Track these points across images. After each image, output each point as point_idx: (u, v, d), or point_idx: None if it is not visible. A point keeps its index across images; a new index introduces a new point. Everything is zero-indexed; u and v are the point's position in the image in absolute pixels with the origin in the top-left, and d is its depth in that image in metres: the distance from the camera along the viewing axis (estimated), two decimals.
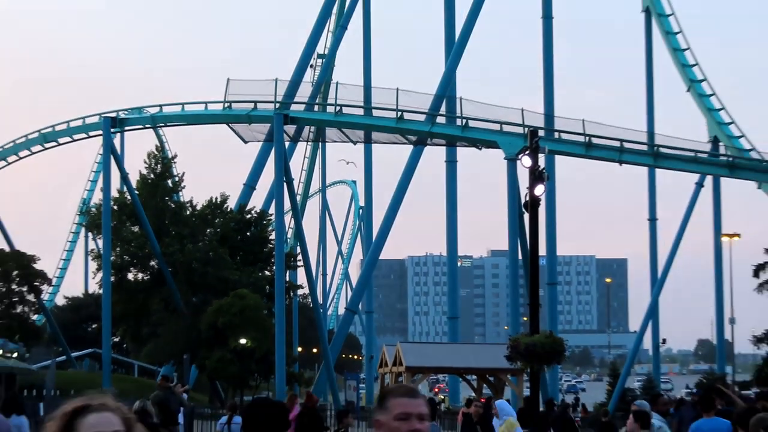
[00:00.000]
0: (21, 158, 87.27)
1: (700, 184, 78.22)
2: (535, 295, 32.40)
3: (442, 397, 79.45)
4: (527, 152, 31.10)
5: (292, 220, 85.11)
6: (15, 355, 70.18)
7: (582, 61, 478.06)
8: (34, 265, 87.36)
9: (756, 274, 54.54)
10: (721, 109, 79.07)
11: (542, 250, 42.85)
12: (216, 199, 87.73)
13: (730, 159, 76.34)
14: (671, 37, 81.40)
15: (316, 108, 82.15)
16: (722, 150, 77.43)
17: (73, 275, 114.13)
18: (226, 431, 28.02)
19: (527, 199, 30.91)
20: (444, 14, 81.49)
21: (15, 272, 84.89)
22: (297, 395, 45.37)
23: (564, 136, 74.62)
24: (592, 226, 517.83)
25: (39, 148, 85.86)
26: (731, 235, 73.09)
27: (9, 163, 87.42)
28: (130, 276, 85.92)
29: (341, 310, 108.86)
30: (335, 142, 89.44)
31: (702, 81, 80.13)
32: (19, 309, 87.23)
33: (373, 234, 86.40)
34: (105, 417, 3.82)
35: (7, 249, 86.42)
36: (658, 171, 79.36)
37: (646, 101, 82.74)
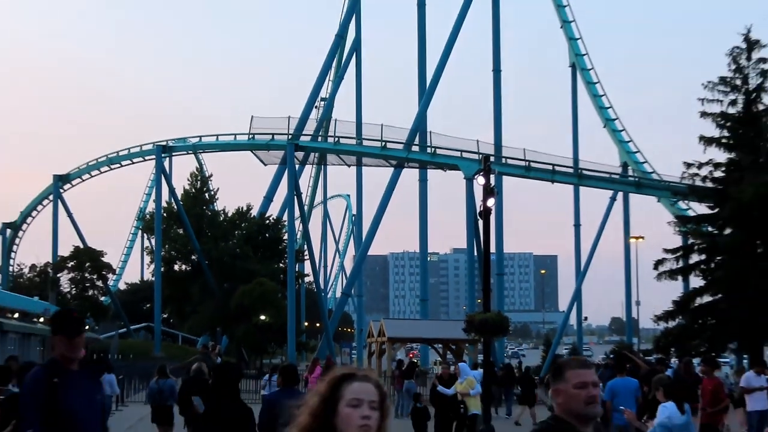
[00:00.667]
0: (92, 176, 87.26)
1: (613, 198, 78.31)
2: (487, 282, 32.32)
3: (416, 360, 79.33)
4: (481, 173, 31.02)
5: (301, 224, 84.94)
6: (87, 328, 69.89)
7: (524, 102, 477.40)
8: (102, 259, 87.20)
9: (656, 267, 54.26)
10: (629, 141, 79.23)
11: (493, 248, 42.86)
12: (242, 208, 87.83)
13: (637, 179, 76.56)
14: (591, 86, 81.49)
15: (319, 139, 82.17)
16: (630, 172, 77.60)
17: (132, 266, 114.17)
18: (268, 386, 28.33)
19: (481, 209, 30.85)
20: (417, 66, 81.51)
21: (87, 264, 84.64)
22: (319, 359, 45.42)
23: (509, 161, 74.81)
24: (531, 230, 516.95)
25: (106, 168, 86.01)
26: (637, 237, 72.99)
27: (83, 180, 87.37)
28: (176, 267, 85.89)
29: (338, 294, 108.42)
30: (334, 165, 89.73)
31: (615, 120, 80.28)
32: (90, 292, 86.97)
33: (362, 235, 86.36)
34: (367, 386, 3.82)
35: (81, 246, 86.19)
36: (581, 188, 79.40)
37: (572, 134, 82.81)
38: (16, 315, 54.10)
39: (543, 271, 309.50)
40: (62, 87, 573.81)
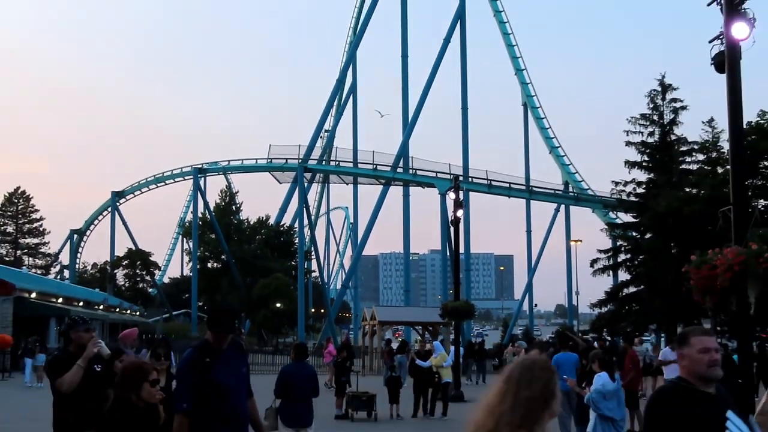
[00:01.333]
0: (142, 192, 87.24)
1: (557, 210, 78.27)
2: (457, 276, 32.29)
3: (400, 339, 79.05)
4: (452, 190, 31.03)
5: (309, 230, 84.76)
6: (138, 313, 69.75)
7: (486, 132, 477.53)
8: (150, 258, 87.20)
9: (591, 264, 54.32)
10: (570, 164, 79.27)
11: (461, 249, 42.70)
12: (262, 218, 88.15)
13: (576, 195, 76.72)
14: (539, 120, 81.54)
15: (323, 162, 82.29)
16: (570, 189, 77.71)
17: (174, 264, 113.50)
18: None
19: (452, 218, 30.85)
20: (401, 104, 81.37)
21: (138, 262, 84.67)
22: (331, 337, 45.42)
23: (475, 180, 74.89)
24: (492, 235, 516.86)
25: (153, 186, 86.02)
26: (576, 241, 72.96)
27: (135, 195, 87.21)
28: (209, 265, 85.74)
29: (338, 286, 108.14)
30: (335, 183, 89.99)
31: (558, 147, 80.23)
32: (140, 285, 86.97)
33: (358, 239, 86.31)
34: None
35: (133, 248, 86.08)
36: (532, 201, 79.37)
37: (525, 158, 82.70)
38: (81, 303, 54.06)
39: (502, 268, 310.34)
40: (116, 114, 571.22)
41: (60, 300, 49.64)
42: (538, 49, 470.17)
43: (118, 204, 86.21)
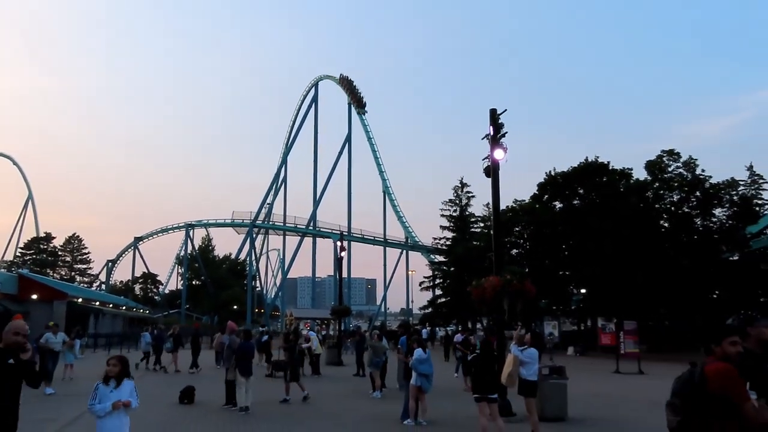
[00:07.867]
0: (154, 237, 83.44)
1: (401, 253, 78.70)
2: (340, 291, 32.02)
3: (309, 328, 77.74)
4: (340, 240, 30.97)
5: (255, 262, 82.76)
6: (147, 311, 66.24)
7: (362, 206, 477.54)
8: (157, 278, 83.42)
9: (420, 284, 55.17)
10: (409, 227, 79.88)
11: (345, 274, 42.65)
12: (227, 254, 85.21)
13: (412, 244, 77.46)
14: (392, 201, 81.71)
15: (265, 221, 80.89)
16: (409, 241, 78.47)
17: (172, 282, 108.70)
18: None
19: (340, 256, 30.75)
20: (312, 188, 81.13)
21: (149, 280, 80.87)
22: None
23: (354, 234, 74.88)
24: (364, 266, 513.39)
25: (161, 234, 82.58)
26: (412, 271, 74.03)
27: (149, 239, 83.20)
28: (193, 282, 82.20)
29: (272, 296, 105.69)
30: (272, 235, 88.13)
31: (402, 216, 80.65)
32: (149, 294, 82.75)
33: (284, 268, 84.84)
34: None
35: (146, 271, 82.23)
36: (387, 248, 79.47)
37: (383, 222, 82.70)
38: (111, 305, 51.13)
39: (369, 286, 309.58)
40: (140, 185, 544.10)
41: (97, 303, 46.78)
42: (391, 158, 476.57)
43: (138, 244, 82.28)
